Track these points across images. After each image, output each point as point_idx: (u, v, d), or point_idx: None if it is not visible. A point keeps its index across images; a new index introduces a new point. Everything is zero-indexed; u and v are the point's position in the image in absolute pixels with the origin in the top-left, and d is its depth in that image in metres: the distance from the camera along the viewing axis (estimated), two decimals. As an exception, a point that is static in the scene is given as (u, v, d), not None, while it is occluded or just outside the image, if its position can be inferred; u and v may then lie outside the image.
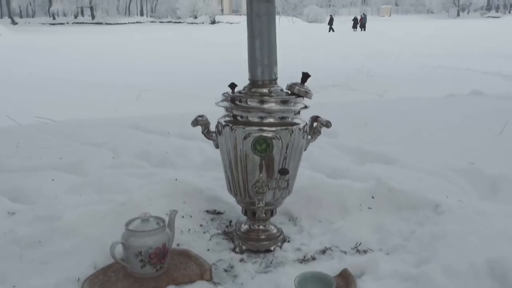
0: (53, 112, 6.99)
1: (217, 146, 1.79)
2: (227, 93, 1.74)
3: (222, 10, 47.79)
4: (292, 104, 1.68)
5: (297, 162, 1.77)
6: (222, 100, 1.73)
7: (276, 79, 1.74)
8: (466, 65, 12.91)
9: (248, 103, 1.66)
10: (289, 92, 1.71)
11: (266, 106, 1.65)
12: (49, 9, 51.81)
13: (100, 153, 2.73)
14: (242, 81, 1.77)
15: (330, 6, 51.59)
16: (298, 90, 1.70)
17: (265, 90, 1.69)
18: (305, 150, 1.80)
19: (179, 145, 2.79)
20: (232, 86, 1.73)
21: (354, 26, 32.75)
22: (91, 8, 51.17)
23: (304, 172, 2.15)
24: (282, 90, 1.73)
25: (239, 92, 1.73)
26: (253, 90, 1.70)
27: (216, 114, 1.75)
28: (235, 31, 29.24)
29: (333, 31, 31.11)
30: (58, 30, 37.71)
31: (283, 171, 1.63)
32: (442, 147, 2.75)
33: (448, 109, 4.14)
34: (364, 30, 32.29)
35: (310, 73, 1.74)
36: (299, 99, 1.70)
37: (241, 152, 1.68)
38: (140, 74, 11.96)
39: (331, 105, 5.04)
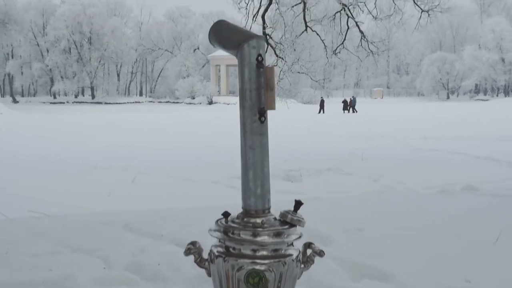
0: (48, 197, 6.97)
1: (209, 275, 1.77)
2: (220, 221, 1.75)
3: (219, 91, 49.33)
4: (285, 236, 1.68)
5: (291, 291, 1.74)
6: (215, 230, 1.73)
7: (269, 208, 1.76)
8: (457, 149, 13.12)
9: (241, 235, 1.67)
10: (282, 219, 1.73)
11: (259, 239, 1.65)
12: (50, 88, 53.38)
13: (91, 263, 2.68)
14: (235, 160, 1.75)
15: (323, 88, 53.55)
16: (291, 219, 1.71)
17: (258, 221, 1.70)
18: (298, 278, 1.78)
19: (172, 254, 2.76)
20: (226, 214, 1.75)
21: (345, 108, 33.70)
22: (92, 88, 52.81)
23: (298, 291, 2.10)
24: (275, 218, 1.74)
25: (233, 221, 1.73)
26: (245, 220, 1.71)
27: (208, 197, 1.74)
28: (231, 112, 30.02)
29: (323, 112, 32.15)
30: (57, 109, 38.60)
31: (276, 309, 1.60)
32: (436, 258, 2.73)
33: (442, 209, 4.16)
34: (356, 112, 33.20)
35: (305, 157, 1.76)
36: (293, 229, 1.71)
37: (233, 283, 1.66)
38: (137, 156, 12.05)
39: (325, 202, 5.06)
